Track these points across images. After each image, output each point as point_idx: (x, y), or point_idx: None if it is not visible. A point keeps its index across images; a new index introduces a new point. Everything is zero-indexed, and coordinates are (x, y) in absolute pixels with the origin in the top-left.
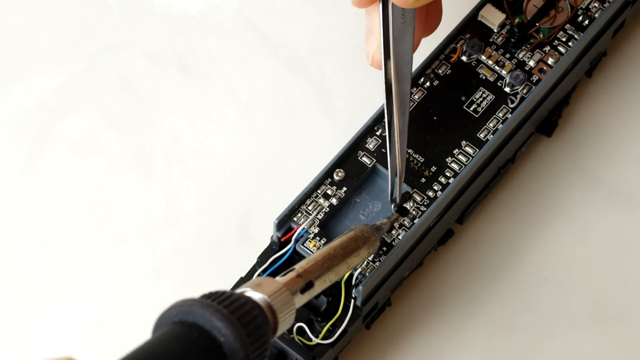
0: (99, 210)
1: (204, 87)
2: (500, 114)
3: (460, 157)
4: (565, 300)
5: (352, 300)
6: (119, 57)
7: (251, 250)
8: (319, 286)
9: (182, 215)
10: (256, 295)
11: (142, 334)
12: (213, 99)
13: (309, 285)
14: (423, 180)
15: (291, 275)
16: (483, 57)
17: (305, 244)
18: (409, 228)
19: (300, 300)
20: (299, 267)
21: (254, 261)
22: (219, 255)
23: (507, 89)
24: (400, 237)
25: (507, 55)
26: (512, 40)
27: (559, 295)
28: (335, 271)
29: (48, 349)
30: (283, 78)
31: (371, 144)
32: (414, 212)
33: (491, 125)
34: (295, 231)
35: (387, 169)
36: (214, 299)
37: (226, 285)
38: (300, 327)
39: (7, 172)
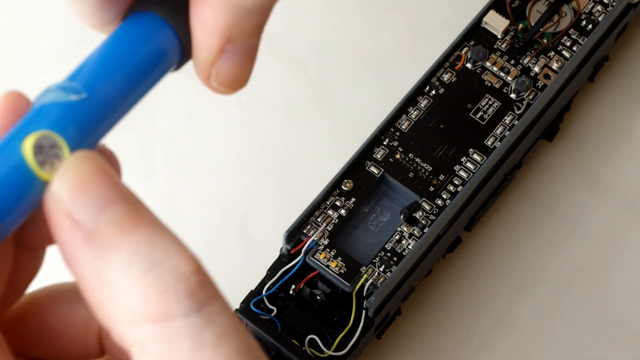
0: None
1: (204, 87)
2: (507, 121)
3: (469, 164)
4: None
5: (364, 311)
6: None
7: (251, 251)
8: None
9: (181, 216)
10: None
11: None
12: (213, 99)
13: None
14: (431, 189)
15: None
16: (488, 64)
17: (315, 256)
18: (419, 237)
19: None
20: None
21: (253, 261)
22: (218, 256)
23: (513, 96)
24: (410, 246)
25: (512, 62)
26: (517, 46)
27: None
28: None
29: None
30: (283, 78)
31: (379, 153)
32: (423, 222)
33: (498, 132)
34: (305, 243)
35: (395, 178)
36: None
37: (225, 285)
38: (312, 339)
39: None
